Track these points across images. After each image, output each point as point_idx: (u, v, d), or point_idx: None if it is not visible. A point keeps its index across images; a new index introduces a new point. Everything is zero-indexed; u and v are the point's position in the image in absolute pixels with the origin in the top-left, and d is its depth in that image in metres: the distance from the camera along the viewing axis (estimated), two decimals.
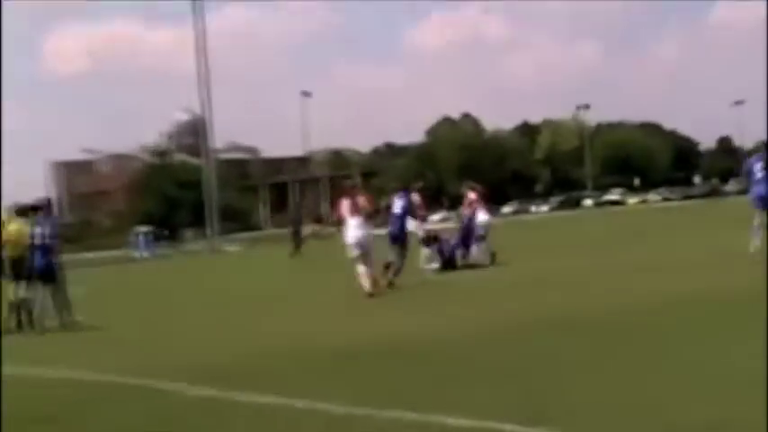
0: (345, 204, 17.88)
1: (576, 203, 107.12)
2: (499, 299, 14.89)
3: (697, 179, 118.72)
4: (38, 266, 15.50)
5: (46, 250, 15.58)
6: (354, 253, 17.36)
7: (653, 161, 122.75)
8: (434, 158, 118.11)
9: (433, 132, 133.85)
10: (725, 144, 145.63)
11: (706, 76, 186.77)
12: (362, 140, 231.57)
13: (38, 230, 15.68)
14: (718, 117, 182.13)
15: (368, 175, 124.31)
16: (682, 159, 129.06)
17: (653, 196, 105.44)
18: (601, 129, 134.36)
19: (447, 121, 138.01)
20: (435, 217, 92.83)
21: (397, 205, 19.21)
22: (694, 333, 9.75)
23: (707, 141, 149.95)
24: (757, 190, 17.50)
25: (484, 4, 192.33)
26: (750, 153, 20.25)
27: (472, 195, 23.89)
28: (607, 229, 35.26)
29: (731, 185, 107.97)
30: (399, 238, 18.79)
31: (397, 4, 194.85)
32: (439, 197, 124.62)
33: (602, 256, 22.39)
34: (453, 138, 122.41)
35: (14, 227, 16.04)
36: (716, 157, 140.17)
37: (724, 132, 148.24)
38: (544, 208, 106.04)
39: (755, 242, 16.71)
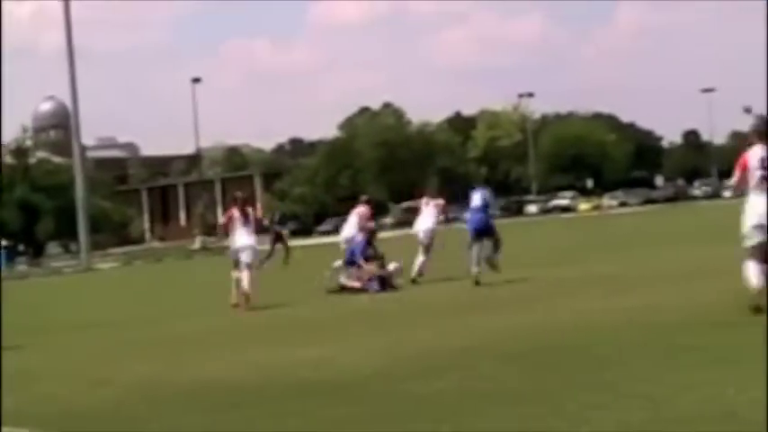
0: (236, 215, 20.55)
1: (519, 210, 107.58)
2: (417, 324, 14.99)
3: (659, 180, 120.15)
4: None
5: None
6: (235, 258, 20.50)
7: (608, 159, 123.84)
8: (350, 157, 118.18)
9: (347, 126, 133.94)
10: (691, 139, 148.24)
11: (670, 59, 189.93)
12: (263, 136, 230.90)
13: None
14: (683, 107, 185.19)
15: (270, 176, 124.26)
16: (642, 157, 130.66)
17: (608, 201, 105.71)
18: (547, 121, 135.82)
19: (365, 111, 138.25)
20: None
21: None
22: (632, 359, 9.97)
23: (671, 135, 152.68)
24: None
25: None
26: None
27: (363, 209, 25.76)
28: (552, 242, 35.66)
29: (700, 188, 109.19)
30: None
31: None
32: (354, 204, 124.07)
33: (545, 273, 22.65)
34: (372, 132, 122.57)
35: None
36: (681, 154, 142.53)
37: (690, 125, 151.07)
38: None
39: None
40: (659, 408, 7.75)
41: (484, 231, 21.21)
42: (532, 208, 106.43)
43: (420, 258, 23.53)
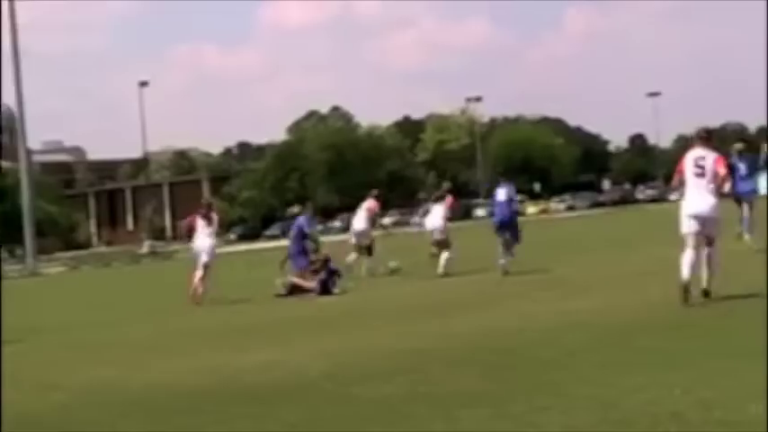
0: (198, 220, 22.79)
1: (467, 213, 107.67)
2: (365, 327, 15.02)
3: (606, 184, 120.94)
4: None
5: None
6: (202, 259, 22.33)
7: (556, 163, 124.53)
8: (298, 160, 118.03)
9: (296, 129, 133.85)
10: (638, 143, 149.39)
11: (616, 63, 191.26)
12: (211, 139, 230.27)
13: None
14: (630, 111, 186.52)
15: (218, 180, 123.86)
16: (589, 160, 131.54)
17: (556, 204, 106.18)
18: (495, 125, 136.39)
19: (313, 115, 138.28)
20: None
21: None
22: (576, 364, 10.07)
23: (618, 139, 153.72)
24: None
25: None
26: (741, 152, 23.91)
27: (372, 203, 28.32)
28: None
29: (644, 192, 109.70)
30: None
31: None
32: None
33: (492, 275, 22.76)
34: (320, 135, 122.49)
35: None
36: (628, 158, 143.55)
37: (637, 129, 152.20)
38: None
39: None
40: (606, 410, 7.80)
41: (508, 224, 23.06)
42: (480, 212, 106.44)
43: (352, 256, 26.04)
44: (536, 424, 7.63)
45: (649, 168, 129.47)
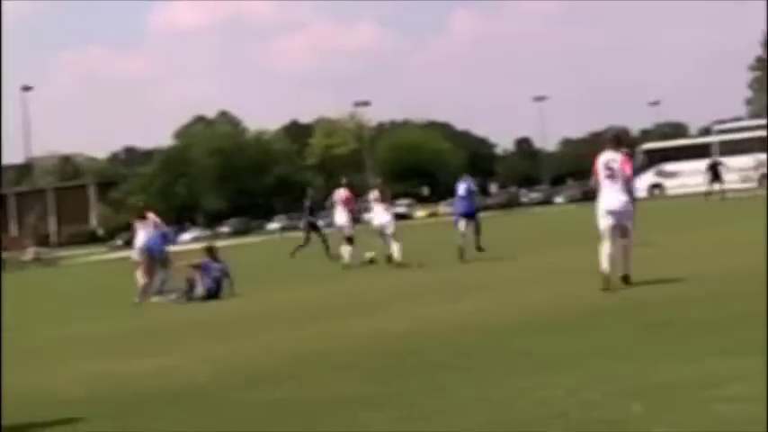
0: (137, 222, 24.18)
1: (356, 218, 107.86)
2: (253, 332, 15.01)
3: (493, 187, 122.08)
4: None
5: None
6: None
7: (444, 166, 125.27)
8: (186, 165, 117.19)
9: (183, 134, 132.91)
10: (524, 146, 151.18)
11: (503, 67, 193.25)
12: (98, 144, 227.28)
13: None
14: (516, 115, 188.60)
15: (105, 185, 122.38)
16: (476, 164, 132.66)
17: (444, 208, 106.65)
18: (383, 129, 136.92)
19: (201, 120, 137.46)
20: (187, 236, 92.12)
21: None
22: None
23: (504, 143, 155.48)
24: None
25: None
26: None
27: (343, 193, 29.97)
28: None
29: (530, 195, 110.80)
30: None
31: None
32: (192, 212, 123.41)
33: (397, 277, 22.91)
34: (208, 140, 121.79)
35: None
36: (515, 161, 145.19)
37: (523, 133, 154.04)
38: (318, 223, 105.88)
39: None
40: (496, 411, 7.92)
41: (468, 215, 26.26)
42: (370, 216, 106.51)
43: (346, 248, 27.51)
44: (427, 426, 7.74)
45: (535, 172, 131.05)
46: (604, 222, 15.53)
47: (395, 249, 25.57)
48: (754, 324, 10.54)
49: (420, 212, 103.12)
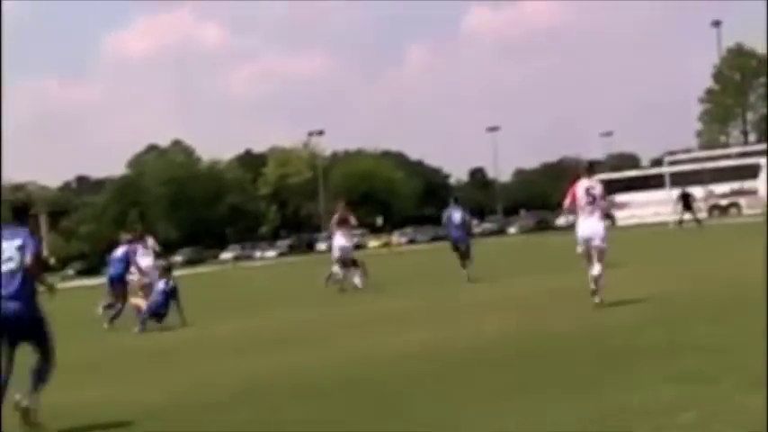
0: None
1: (309, 247, 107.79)
2: (211, 360, 14.94)
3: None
4: None
5: None
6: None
7: (397, 196, 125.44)
8: (138, 194, 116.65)
9: (136, 163, 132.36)
10: (478, 176, 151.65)
11: (455, 99, 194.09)
12: (49, 173, 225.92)
13: None
14: (470, 145, 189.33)
15: (56, 214, 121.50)
16: (430, 194, 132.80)
17: (398, 238, 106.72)
18: (337, 158, 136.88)
19: (153, 149, 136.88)
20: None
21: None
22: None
23: (458, 173, 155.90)
24: None
25: (199, 4, 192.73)
26: None
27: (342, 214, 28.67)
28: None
29: (482, 225, 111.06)
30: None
31: (93, 4, 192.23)
32: (143, 240, 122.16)
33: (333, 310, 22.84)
34: (161, 169, 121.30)
35: None
36: (468, 192, 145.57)
37: (477, 163, 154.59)
38: (271, 253, 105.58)
39: None
40: None
41: (463, 241, 27.92)
42: (323, 245, 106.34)
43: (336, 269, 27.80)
44: None
45: (489, 201, 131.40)
46: (584, 246, 16.52)
47: (355, 278, 26.70)
48: (705, 351, 10.61)
49: (373, 242, 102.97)
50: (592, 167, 17.79)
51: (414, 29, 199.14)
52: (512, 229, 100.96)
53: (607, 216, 16.40)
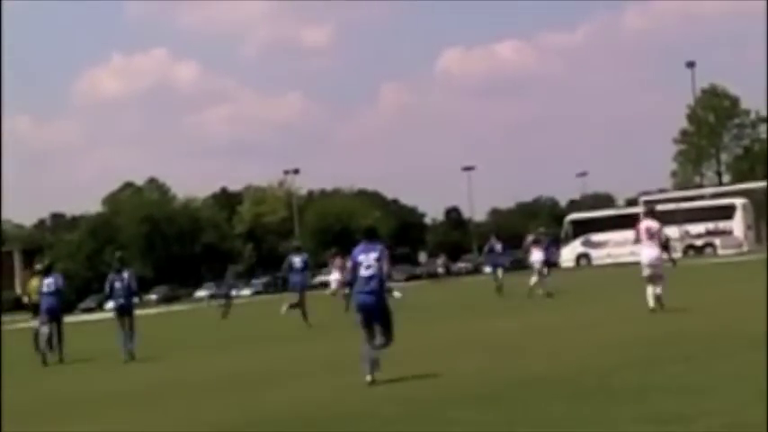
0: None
1: (285, 285, 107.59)
2: (185, 400, 14.85)
3: (423, 256, 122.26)
4: None
5: None
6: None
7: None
8: (113, 232, 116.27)
9: (112, 201, 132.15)
10: (453, 216, 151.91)
11: (431, 138, 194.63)
12: (23, 210, 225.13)
13: None
14: (445, 185, 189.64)
15: (31, 252, 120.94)
16: (405, 233, 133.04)
17: None
18: (313, 197, 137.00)
19: (129, 186, 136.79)
20: (112, 304, 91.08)
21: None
22: None
23: (433, 212, 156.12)
24: None
25: (173, 47, 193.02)
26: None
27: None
28: (313, 319, 35.84)
29: (443, 264, 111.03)
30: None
31: (70, 42, 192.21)
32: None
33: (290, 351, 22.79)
34: (136, 207, 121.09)
35: None
36: (443, 231, 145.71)
37: (452, 202, 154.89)
38: (246, 292, 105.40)
39: None
40: None
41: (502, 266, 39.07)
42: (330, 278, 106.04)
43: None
44: None
45: (465, 241, 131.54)
46: (647, 271, 22.04)
47: None
48: (679, 392, 10.63)
49: None
50: (652, 211, 24.37)
51: (387, 69, 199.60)
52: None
53: (664, 248, 26.98)
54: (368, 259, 14.63)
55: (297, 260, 30.97)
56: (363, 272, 14.55)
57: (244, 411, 12.87)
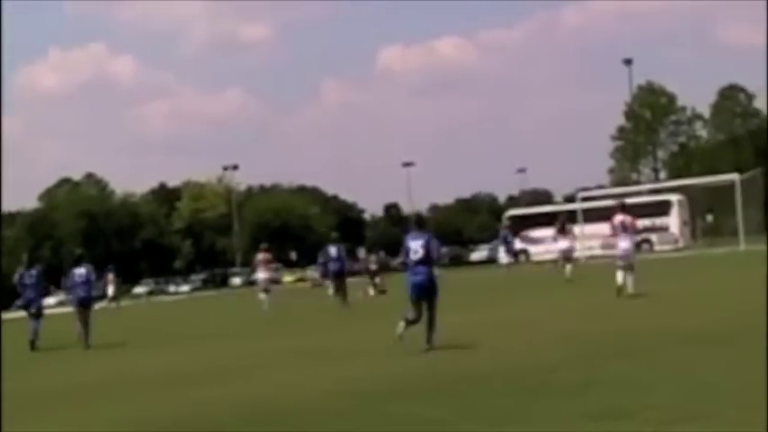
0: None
1: (223, 282, 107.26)
2: (115, 399, 14.77)
3: (362, 252, 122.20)
4: None
5: None
6: None
7: (312, 231, 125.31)
8: (52, 228, 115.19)
9: (48, 196, 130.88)
10: (392, 212, 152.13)
11: (370, 134, 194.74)
12: None
13: None
14: (385, 181, 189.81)
15: None
16: (346, 229, 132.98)
17: (312, 272, 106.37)
18: (252, 193, 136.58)
19: (66, 182, 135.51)
20: (51, 300, 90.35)
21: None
22: None
23: (373, 209, 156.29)
24: None
25: (111, 42, 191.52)
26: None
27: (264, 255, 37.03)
28: (255, 314, 35.72)
29: (394, 261, 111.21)
30: None
31: (6, 38, 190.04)
32: (57, 276, 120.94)
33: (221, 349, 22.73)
34: (74, 203, 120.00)
35: None
36: (383, 227, 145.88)
37: (391, 198, 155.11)
38: (185, 288, 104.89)
39: None
40: None
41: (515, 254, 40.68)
42: (237, 280, 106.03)
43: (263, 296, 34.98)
44: None
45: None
46: (621, 262, 24.35)
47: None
48: (622, 387, 10.75)
49: (288, 277, 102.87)
50: (624, 206, 25.79)
51: (328, 65, 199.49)
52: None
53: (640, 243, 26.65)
54: (416, 245, 16.74)
55: (333, 250, 35.08)
56: (413, 256, 16.73)
57: (175, 408, 12.76)
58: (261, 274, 37.09)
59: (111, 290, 60.16)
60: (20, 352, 25.34)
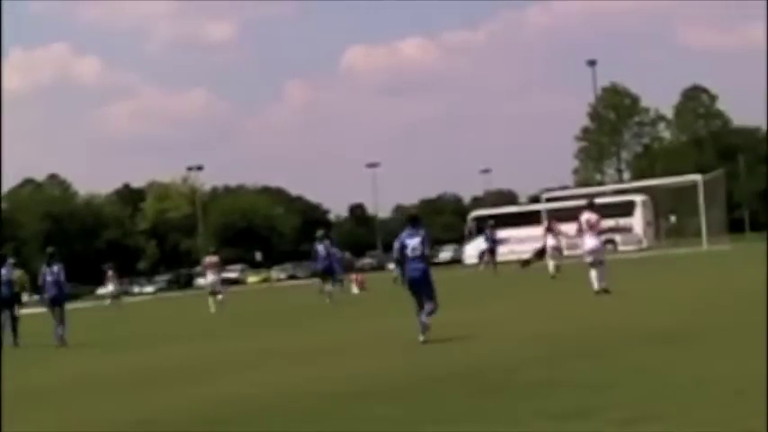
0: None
1: (188, 282, 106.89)
2: (84, 399, 14.69)
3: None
4: None
5: None
6: None
7: (277, 231, 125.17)
8: (14, 229, 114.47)
9: (11, 197, 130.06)
10: (358, 212, 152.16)
11: (335, 135, 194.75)
12: None
13: None
14: (350, 182, 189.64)
15: None
16: (310, 230, 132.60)
17: (277, 273, 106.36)
18: (217, 194, 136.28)
19: (29, 183, 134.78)
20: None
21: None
22: None
23: (338, 209, 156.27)
24: None
25: (74, 42, 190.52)
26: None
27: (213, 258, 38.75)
28: (223, 315, 35.70)
29: (365, 259, 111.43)
30: None
31: None
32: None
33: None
34: (37, 203, 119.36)
35: None
36: (348, 228, 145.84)
37: (356, 199, 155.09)
38: (149, 289, 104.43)
39: None
40: None
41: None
42: (202, 281, 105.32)
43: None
44: None
45: (369, 237, 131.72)
46: (589, 258, 24.97)
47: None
48: (584, 387, 10.79)
49: (252, 278, 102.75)
50: (592, 204, 26.58)
51: (292, 65, 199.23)
52: (391, 265, 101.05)
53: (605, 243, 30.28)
54: (415, 242, 17.79)
55: (321, 248, 36.49)
56: (410, 253, 17.75)
57: (140, 410, 12.69)
58: (209, 278, 38.48)
59: (110, 287, 59.62)
60: None
